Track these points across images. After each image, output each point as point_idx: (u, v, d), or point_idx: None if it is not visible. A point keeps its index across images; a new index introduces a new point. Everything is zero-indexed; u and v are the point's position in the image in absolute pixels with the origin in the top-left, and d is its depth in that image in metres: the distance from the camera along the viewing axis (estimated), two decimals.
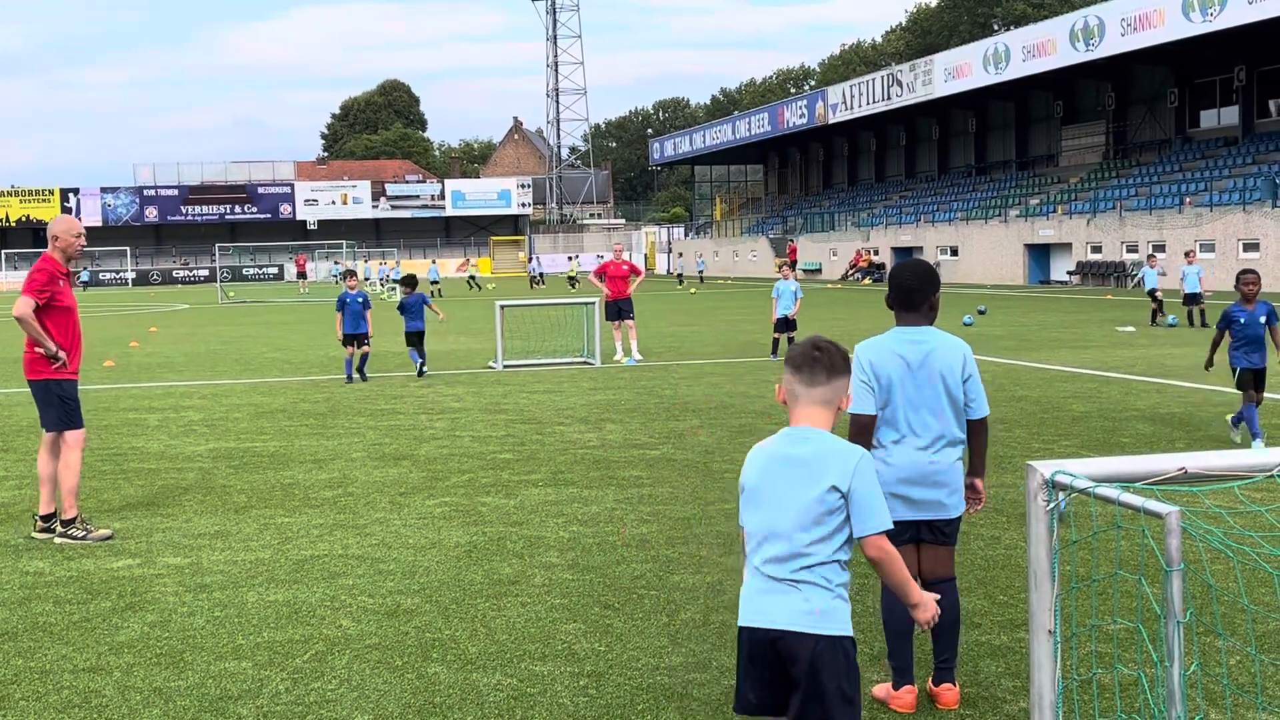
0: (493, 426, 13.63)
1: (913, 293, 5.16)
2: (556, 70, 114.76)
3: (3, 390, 18.32)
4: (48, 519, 8.60)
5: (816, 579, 3.63)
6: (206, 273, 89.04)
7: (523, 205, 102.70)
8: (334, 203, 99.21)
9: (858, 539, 3.67)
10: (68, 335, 8.62)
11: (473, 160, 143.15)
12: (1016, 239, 56.18)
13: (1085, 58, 51.15)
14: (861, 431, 5.01)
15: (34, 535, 8.60)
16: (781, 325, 20.91)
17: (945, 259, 60.77)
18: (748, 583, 3.75)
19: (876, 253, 66.21)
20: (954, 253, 60.60)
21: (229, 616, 6.65)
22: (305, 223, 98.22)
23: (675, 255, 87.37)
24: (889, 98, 65.60)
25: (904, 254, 64.53)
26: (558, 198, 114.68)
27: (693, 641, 6.06)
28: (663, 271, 78.40)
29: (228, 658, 5.99)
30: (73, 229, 8.68)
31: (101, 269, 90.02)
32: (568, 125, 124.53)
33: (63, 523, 8.54)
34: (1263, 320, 11.07)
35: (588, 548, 7.96)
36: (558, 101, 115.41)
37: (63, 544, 8.39)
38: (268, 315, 42.26)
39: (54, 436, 8.70)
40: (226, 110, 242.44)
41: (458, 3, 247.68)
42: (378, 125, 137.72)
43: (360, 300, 18.65)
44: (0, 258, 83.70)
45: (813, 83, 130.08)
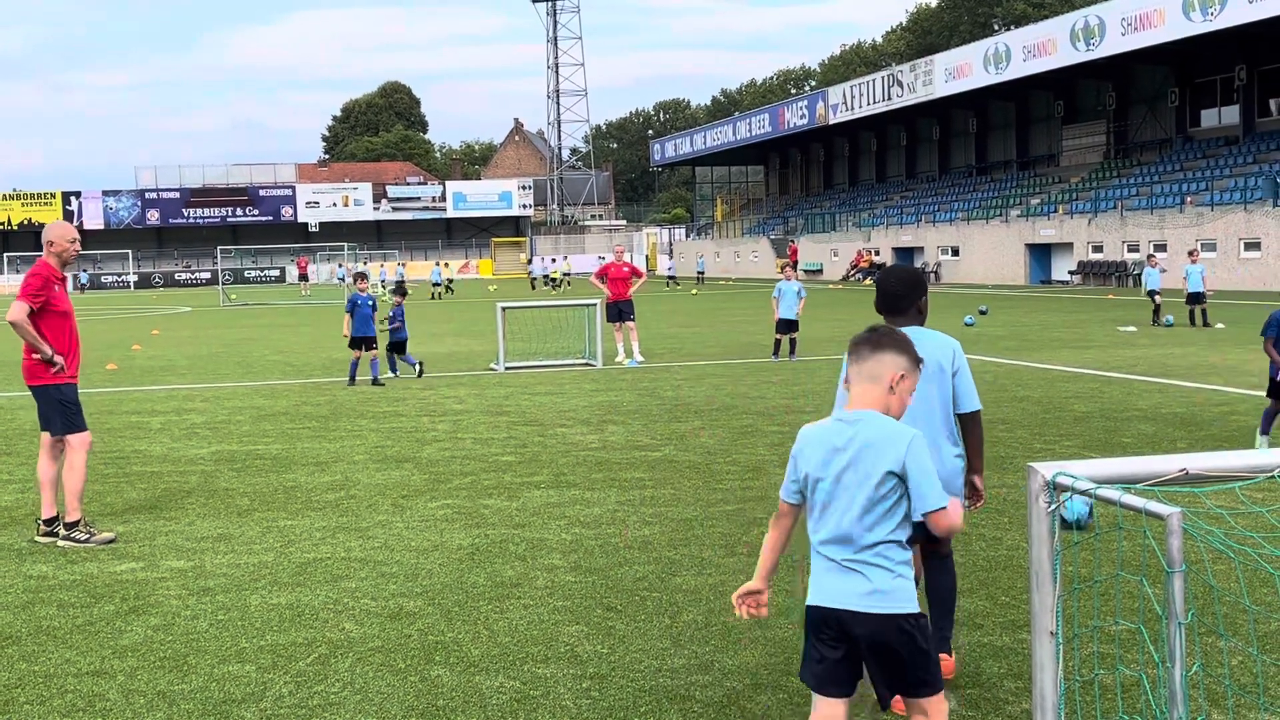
0: (495, 428, 13.64)
1: (899, 298, 5.35)
2: (557, 72, 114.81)
3: (5, 394, 18.33)
4: (50, 522, 8.62)
5: (878, 559, 3.76)
6: (208, 275, 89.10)
7: (524, 207, 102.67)
8: (335, 205, 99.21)
9: (919, 517, 3.78)
10: (65, 340, 8.63)
11: (474, 162, 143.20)
12: (1017, 239, 56.18)
13: (1086, 57, 51.17)
14: None
15: (37, 539, 8.62)
16: (783, 327, 20.90)
17: (946, 259, 60.78)
18: (813, 563, 3.90)
19: (877, 253, 66.20)
20: (955, 253, 60.60)
21: (232, 620, 6.66)
22: (306, 225, 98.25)
23: (665, 256, 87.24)
24: (889, 98, 65.62)
25: (905, 254, 64.58)
26: (559, 199, 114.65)
27: (695, 643, 6.07)
28: (664, 272, 78.26)
29: (231, 661, 6.00)
30: (67, 234, 8.70)
31: (103, 272, 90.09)
32: (569, 126, 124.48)
33: (66, 526, 8.55)
34: None
35: (590, 550, 7.97)
36: (558, 103, 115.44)
37: (66, 547, 8.41)
38: (269, 318, 42.27)
39: (53, 440, 8.72)
40: (227, 113, 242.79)
41: (458, 5, 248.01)
42: (379, 127, 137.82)
43: (370, 303, 18.92)
44: (2, 261, 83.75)
45: (813, 83, 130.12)
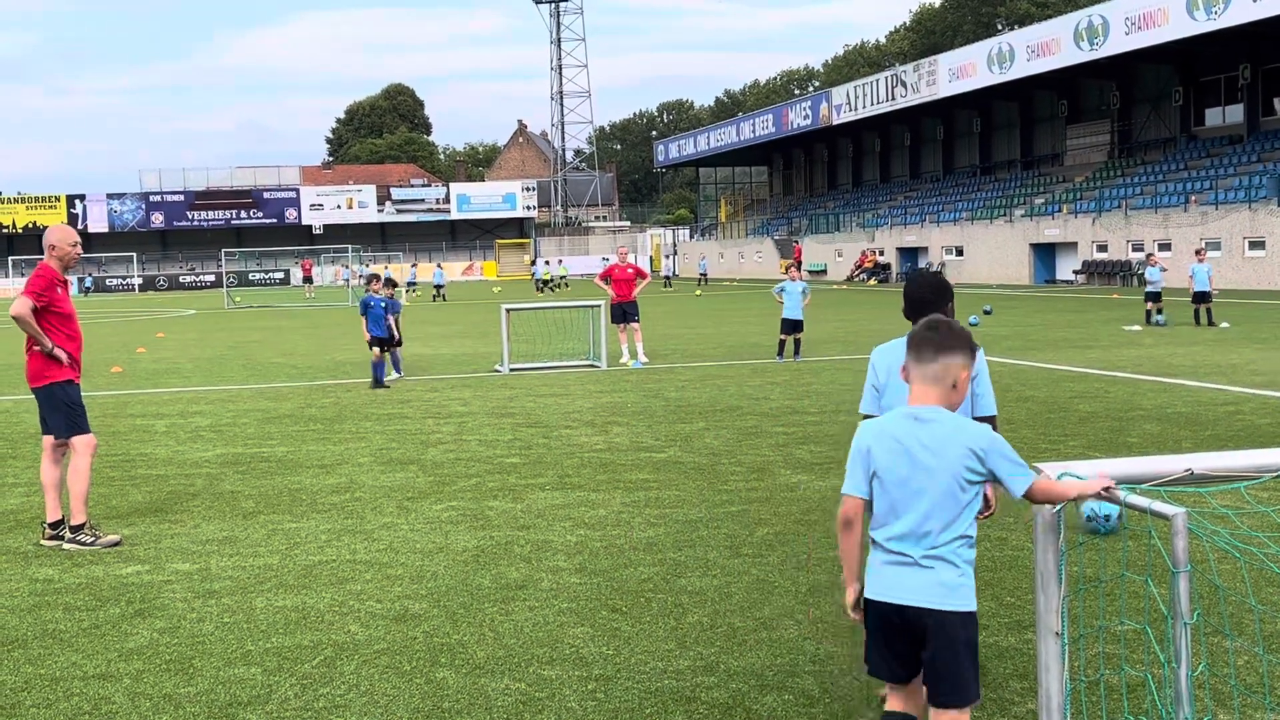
0: (499, 430, 13.65)
1: (927, 305, 5.36)
2: (560, 73, 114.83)
3: (10, 397, 18.34)
4: (55, 525, 8.64)
5: (947, 556, 3.81)
6: (213, 278, 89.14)
7: (528, 208, 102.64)
8: (339, 207, 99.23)
9: (1018, 496, 3.80)
10: (67, 341, 8.67)
11: (478, 164, 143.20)
12: (1022, 239, 56.13)
13: (1089, 57, 51.12)
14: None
15: (42, 543, 8.63)
16: (788, 327, 20.91)
17: (950, 259, 60.72)
18: (872, 556, 3.93)
19: (882, 253, 66.17)
20: (959, 253, 60.55)
21: (238, 622, 6.67)
22: (311, 227, 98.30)
23: (665, 255, 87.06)
24: (893, 98, 65.58)
25: (909, 254, 64.54)
26: (563, 200, 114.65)
27: (701, 645, 6.07)
28: (664, 273, 78.21)
29: (237, 663, 6.00)
30: (68, 238, 8.73)
31: (108, 275, 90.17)
32: (572, 128, 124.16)
33: (72, 528, 8.57)
34: None
35: (595, 551, 7.97)
36: (562, 104, 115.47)
37: (71, 550, 8.42)
38: (274, 320, 42.29)
39: (55, 443, 8.75)
40: (231, 116, 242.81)
41: (461, 7, 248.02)
42: (382, 129, 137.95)
43: (382, 305, 19.21)
44: (7, 264, 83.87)
45: (817, 84, 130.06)
